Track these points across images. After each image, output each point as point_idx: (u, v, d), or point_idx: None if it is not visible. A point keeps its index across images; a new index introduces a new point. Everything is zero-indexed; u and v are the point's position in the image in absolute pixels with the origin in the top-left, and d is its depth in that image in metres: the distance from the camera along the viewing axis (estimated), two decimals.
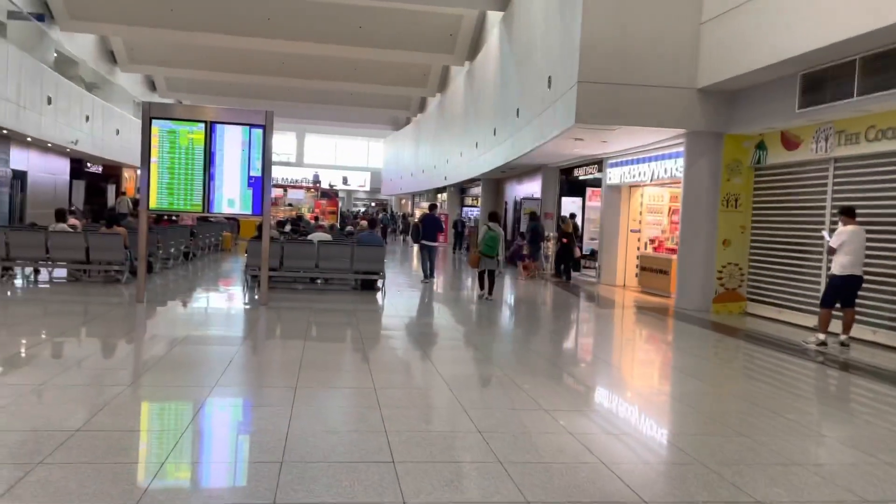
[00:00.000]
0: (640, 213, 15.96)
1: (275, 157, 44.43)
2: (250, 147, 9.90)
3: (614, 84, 11.30)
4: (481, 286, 12.47)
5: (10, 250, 11.30)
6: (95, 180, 30.82)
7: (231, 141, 9.86)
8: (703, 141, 11.80)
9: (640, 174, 14.47)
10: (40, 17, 23.13)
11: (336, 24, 26.63)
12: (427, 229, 14.86)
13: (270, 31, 26.88)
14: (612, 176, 15.84)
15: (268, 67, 32.57)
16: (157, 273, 13.81)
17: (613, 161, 15.75)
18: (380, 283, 12.80)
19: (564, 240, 16.96)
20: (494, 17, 23.03)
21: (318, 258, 12.33)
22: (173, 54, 32.43)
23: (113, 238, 11.57)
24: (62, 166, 25.23)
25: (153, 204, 9.75)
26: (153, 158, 9.69)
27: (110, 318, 8.76)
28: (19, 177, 21.33)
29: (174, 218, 18.04)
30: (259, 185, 9.95)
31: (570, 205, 19.56)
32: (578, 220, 18.61)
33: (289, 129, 54.06)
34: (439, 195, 38.80)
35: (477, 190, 30.51)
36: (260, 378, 6.04)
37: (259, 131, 9.91)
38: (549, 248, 18.97)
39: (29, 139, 20.31)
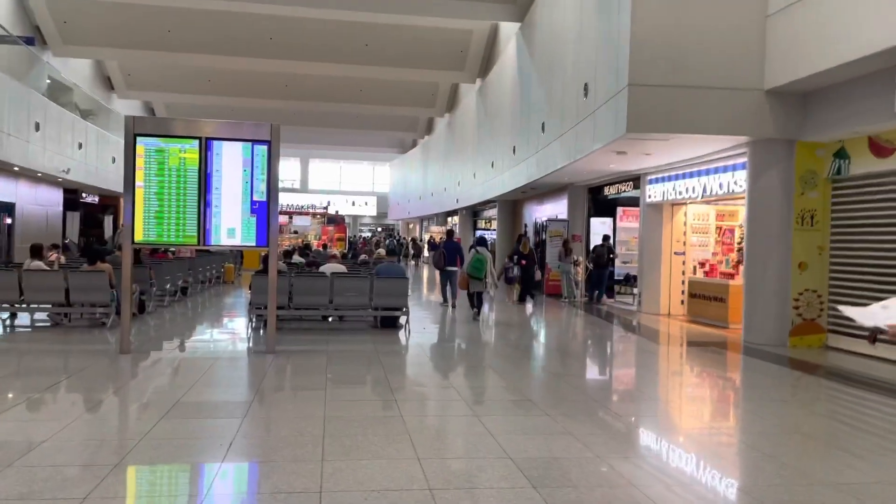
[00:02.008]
0: (685, 234, 14.42)
1: (279, 184, 43.42)
2: (253, 167, 8.43)
3: (670, 86, 9.84)
4: (472, 305, 13.13)
5: None
6: (92, 211, 29.47)
7: (230, 160, 8.39)
8: (771, 150, 10.31)
9: (687, 190, 12.96)
10: (30, 41, 21.88)
11: (341, 42, 25.44)
12: (450, 255, 15.01)
13: (273, 51, 25.69)
14: (653, 193, 14.33)
15: (271, 90, 31.35)
16: (150, 313, 12.29)
17: (655, 177, 14.26)
18: (402, 320, 11.25)
19: (523, 262, 16.14)
20: (509, 29, 21.76)
21: (331, 293, 10.81)
22: (172, 78, 31.25)
23: (96, 276, 10.07)
24: (55, 197, 23.86)
25: (139, 236, 8.25)
26: (138, 182, 8.21)
27: (85, 376, 7.22)
28: (7, 209, 19.92)
29: (171, 250, 16.55)
30: (264, 211, 8.45)
31: (599, 226, 18.06)
32: (584, 243, 17.10)
33: (293, 155, 52.86)
34: (450, 219, 37.43)
35: (491, 212, 29.11)
36: (271, 462, 4.49)
37: (263, 148, 8.44)
38: (580, 273, 17.44)
39: (16, 168, 18.94)
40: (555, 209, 20.25)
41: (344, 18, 23.78)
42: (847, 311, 2.96)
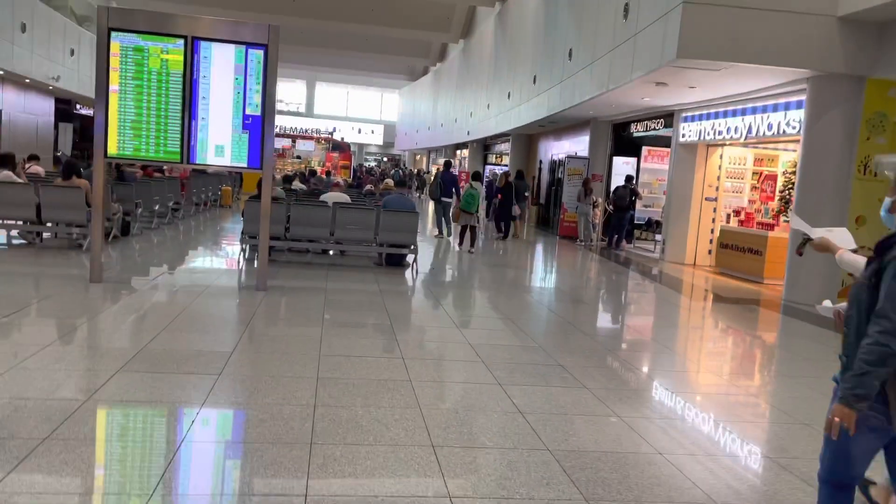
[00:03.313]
0: (718, 179, 13.27)
1: (284, 107, 41.93)
2: (247, 75, 7.24)
3: (730, 6, 8.55)
4: (461, 241, 13.31)
5: None
6: (87, 124, 28.14)
7: (221, 65, 7.20)
8: (836, 87, 9.07)
9: (728, 130, 11.74)
10: None
11: None
12: (446, 187, 15.32)
13: None
14: (688, 132, 13.10)
15: (277, 4, 29.49)
16: (135, 235, 11.29)
17: (691, 114, 13.00)
18: (410, 259, 10.24)
19: (499, 195, 15.63)
20: None
21: (333, 225, 9.77)
22: None
23: (71, 192, 9.00)
24: (46, 106, 22.57)
25: (113, 149, 7.15)
26: (113, 87, 7.05)
27: (43, 309, 6.25)
28: None
29: (163, 168, 15.44)
30: (258, 128, 7.31)
31: (622, 166, 16.87)
32: (605, 184, 15.94)
33: (299, 77, 50.96)
34: (459, 151, 36.06)
35: (503, 146, 27.78)
36: (247, 445, 3.55)
37: (259, 53, 7.23)
38: (598, 215, 16.35)
39: (1, 73, 17.64)
40: (573, 146, 19.00)
41: None
42: (796, 219, 3.28)
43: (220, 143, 7.28)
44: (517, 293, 9.38)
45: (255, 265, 8.32)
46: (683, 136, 13.24)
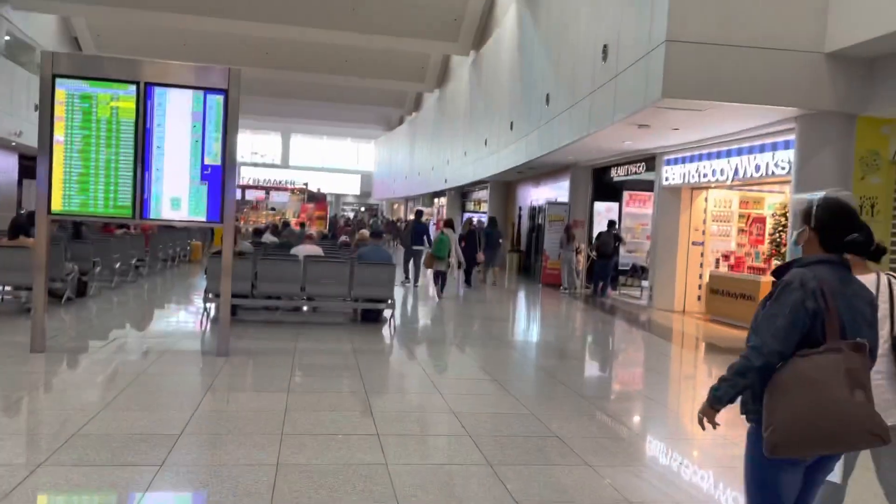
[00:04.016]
0: (704, 222, 12.89)
1: (259, 158, 41.40)
2: (205, 122, 6.70)
3: (714, 44, 8.22)
4: (435, 284, 13.68)
5: None
6: None
7: (177, 112, 6.65)
8: (826, 125, 8.73)
9: (714, 172, 11.39)
10: None
11: (327, 5, 23.52)
12: (416, 235, 15.54)
13: (253, 12, 23.72)
14: (671, 175, 12.75)
15: (252, 57, 29.26)
16: (92, 296, 10.55)
17: (673, 157, 12.68)
18: (387, 314, 9.62)
19: (463, 242, 15.17)
20: None
21: (304, 280, 9.15)
22: (144, 41, 29.04)
23: (18, 253, 8.31)
24: (9, 163, 21.87)
25: (58, 205, 6.52)
26: (58, 137, 6.47)
27: None
28: None
29: (125, 225, 14.74)
30: (218, 179, 6.73)
31: (604, 211, 16.50)
32: (587, 230, 15.54)
33: (273, 129, 50.73)
34: (436, 199, 35.75)
35: (481, 194, 27.47)
36: None
37: (218, 98, 6.70)
38: (581, 262, 15.89)
39: None
40: (553, 192, 18.65)
41: None
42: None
43: (175, 195, 6.68)
44: (502, 348, 8.77)
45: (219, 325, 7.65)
46: (667, 179, 12.89)
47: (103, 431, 4.36)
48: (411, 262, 15.45)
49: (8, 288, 9.02)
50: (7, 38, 22.67)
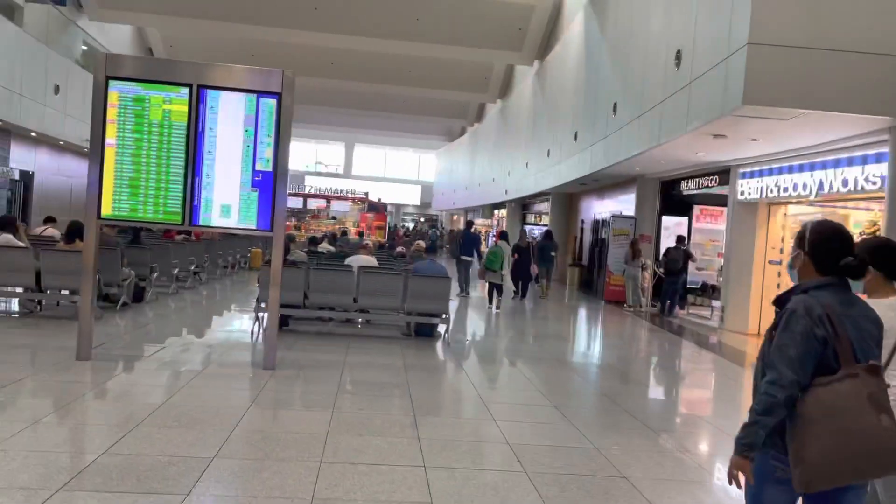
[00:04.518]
0: (783, 240, 12.07)
1: (323, 168, 41.90)
2: (258, 127, 6.47)
3: (803, 48, 7.57)
4: (490, 299, 13.53)
5: None
6: None
7: (229, 116, 6.45)
8: None
9: (795, 187, 10.62)
10: (60, 1, 20.48)
11: (391, 16, 23.47)
12: (466, 246, 15.76)
13: (318, 23, 23.86)
14: (747, 189, 12.00)
15: (316, 67, 29.51)
16: (149, 302, 10.52)
17: (750, 170, 11.93)
18: (441, 329, 9.23)
19: (515, 255, 15.07)
20: (574, 4, 19.54)
21: (357, 291, 8.86)
22: (213, 50, 29.64)
23: (73, 257, 8.26)
24: (81, 168, 22.48)
25: (108, 210, 6.38)
26: (109, 140, 6.34)
27: (8, 394, 5.37)
28: (24, 178, 18.52)
29: (188, 231, 14.83)
30: (269, 186, 6.49)
31: (673, 226, 15.75)
32: (654, 245, 14.79)
33: (337, 139, 51.29)
34: (497, 211, 35.33)
35: (542, 206, 26.93)
36: None
37: (272, 102, 6.47)
38: (647, 279, 15.19)
39: (33, 134, 17.50)
40: (618, 205, 17.97)
41: None
42: None
43: (226, 202, 6.46)
44: (561, 369, 8.26)
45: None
46: (742, 193, 12.14)
47: (134, 451, 4.09)
48: (462, 274, 15.54)
49: (65, 292, 9.01)
50: (84, 48, 23.44)
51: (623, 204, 17.48)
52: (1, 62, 14.24)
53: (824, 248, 2.41)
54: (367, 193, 34.72)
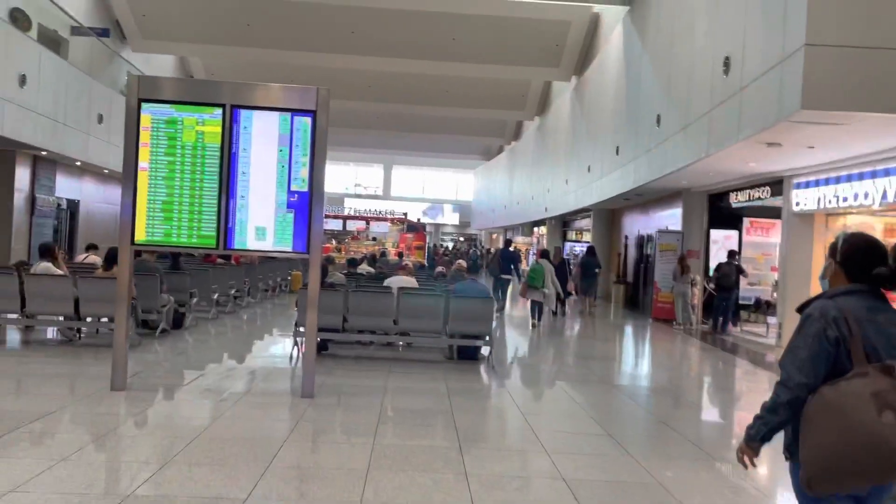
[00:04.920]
0: None
1: (361, 190, 41.97)
2: (292, 146, 6.28)
3: (864, 48, 7.12)
4: (532, 315, 13.39)
5: None
6: None
7: (263, 136, 6.27)
8: None
9: (857, 196, 10.04)
10: (104, 33, 20.91)
11: (427, 37, 23.44)
12: (504, 264, 15.94)
13: (355, 46, 23.95)
14: (803, 200, 11.44)
15: (354, 90, 29.64)
16: (188, 328, 10.41)
17: (804, 179, 11.37)
18: (485, 351, 8.89)
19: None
20: (613, 17, 19.19)
21: (397, 313, 8.59)
22: (254, 76, 29.96)
23: (110, 284, 8.16)
24: None
25: (141, 235, 6.24)
26: (142, 164, 6.21)
27: (36, 431, 5.19)
28: (70, 207, 18.81)
29: (228, 255, 14.79)
30: (305, 206, 6.28)
31: (722, 240, 15.19)
32: (703, 260, 14.20)
33: (376, 161, 51.56)
34: (536, 229, 34.90)
35: (583, 222, 26.46)
36: None
37: (306, 120, 6.27)
38: (697, 295, 14.62)
39: (78, 163, 17.78)
40: (663, 220, 17.44)
41: (431, 10, 21.80)
42: None
43: (261, 224, 6.27)
44: (614, 394, 7.84)
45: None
46: (797, 204, 11.57)
47: (161, 492, 3.85)
48: (499, 291, 15.33)
49: (104, 319, 8.93)
50: (127, 78, 23.88)
51: (669, 219, 16.95)
52: (46, 94, 14.47)
53: (856, 258, 2.42)
54: (405, 214, 34.63)
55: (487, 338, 8.60)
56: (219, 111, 6.21)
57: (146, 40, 24.10)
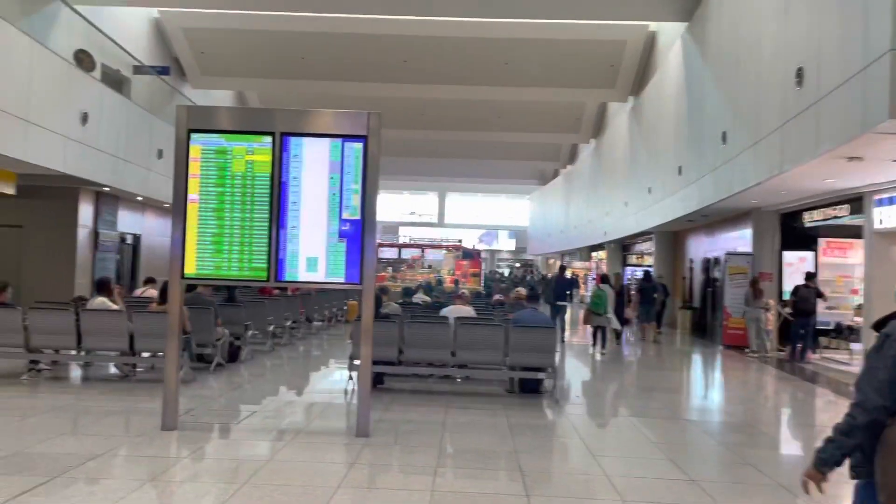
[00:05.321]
0: None
1: (416, 218, 42.03)
2: (343, 173, 6.04)
3: None
4: (594, 342, 13.11)
5: (29, 337, 8.10)
6: None
7: (313, 164, 6.05)
8: None
9: None
10: (164, 71, 21.49)
11: (479, 62, 23.30)
12: (559, 290, 15.46)
13: (408, 75, 24.03)
14: (887, 217, 10.65)
15: (407, 119, 29.71)
16: (244, 361, 10.26)
17: (888, 195, 10.60)
18: (548, 384, 8.42)
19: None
20: (670, 34, 18.68)
21: (455, 345, 8.22)
22: (308, 106, 30.10)
23: (164, 319, 8.04)
24: None
25: (191, 269, 6.06)
26: (192, 196, 6.06)
27: (77, 477, 4.98)
28: (132, 241, 19.18)
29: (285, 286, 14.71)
30: (357, 235, 6.01)
31: (796, 261, 14.35)
32: (776, 283, 13.36)
33: (431, 189, 51.66)
34: (595, 253, 34.16)
35: (644, 246, 25.66)
36: None
37: (358, 146, 6.03)
38: (771, 321, 13.80)
39: (139, 198, 18.14)
40: (731, 241, 16.65)
41: (482, 35, 21.68)
42: None
43: (312, 254, 6.02)
44: (691, 431, 7.26)
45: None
46: (881, 222, 10.79)
47: None
48: (556, 319, 14.84)
49: (160, 354, 8.83)
50: None
51: (738, 240, 16.18)
52: (108, 132, 14.80)
53: None
54: (460, 241, 34.38)
55: (550, 370, 8.14)
56: (268, 139, 6.02)
57: (204, 76, 24.70)
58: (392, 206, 49.46)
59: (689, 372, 12.68)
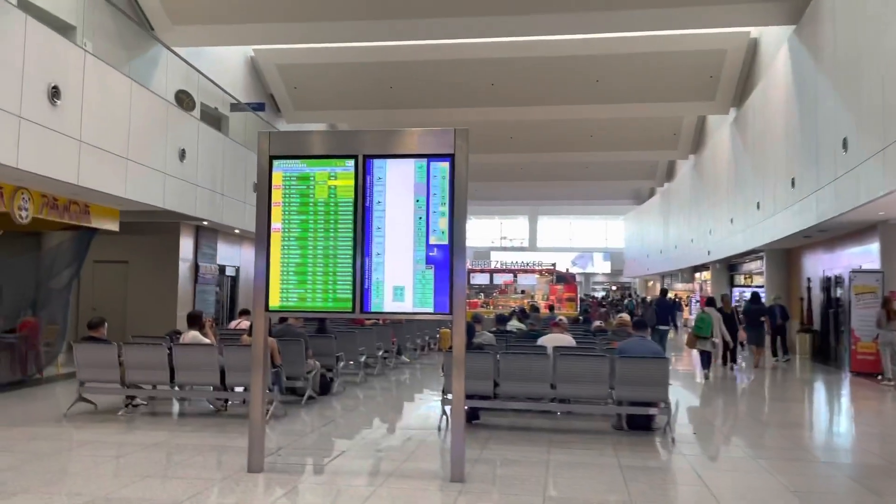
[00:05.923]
0: None
1: (507, 243, 41.54)
2: (429, 195, 5.63)
3: None
4: (703, 365, 12.74)
5: (125, 372, 8.09)
6: None
7: (397, 186, 5.67)
8: None
9: None
10: (260, 107, 22.09)
11: (569, 82, 22.71)
12: (661, 313, 15.29)
13: (495, 98, 23.73)
14: None
15: (496, 143, 29.37)
16: (336, 394, 9.99)
17: None
18: (660, 421, 7.65)
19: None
20: (773, 39, 17.54)
21: (554, 377, 7.61)
22: None
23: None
24: None
25: (275, 301, 5.78)
26: (275, 225, 5.80)
27: None
28: (233, 273, 19.60)
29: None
30: (445, 261, 5.56)
31: None
32: None
33: (522, 213, 51.02)
34: (698, 274, 32.47)
35: (753, 265, 24.07)
36: None
37: (444, 166, 5.62)
38: None
39: (237, 231, 18.51)
40: (854, 258, 15.21)
41: (571, 53, 21.11)
42: None
43: (398, 283, 5.62)
44: (831, 475, 6.34)
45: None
46: None
47: None
48: (659, 342, 14.14)
49: None
50: None
51: (862, 257, 14.74)
52: (205, 167, 15.16)
53: None
54: (554, 264, 33.51)
55: (664, 405, 7.38)
56: (351, 163, 5.70)
57: (298, 111, 25.34)
58: (483, 231, 49.14)
59: (815, 403, 11.46)
